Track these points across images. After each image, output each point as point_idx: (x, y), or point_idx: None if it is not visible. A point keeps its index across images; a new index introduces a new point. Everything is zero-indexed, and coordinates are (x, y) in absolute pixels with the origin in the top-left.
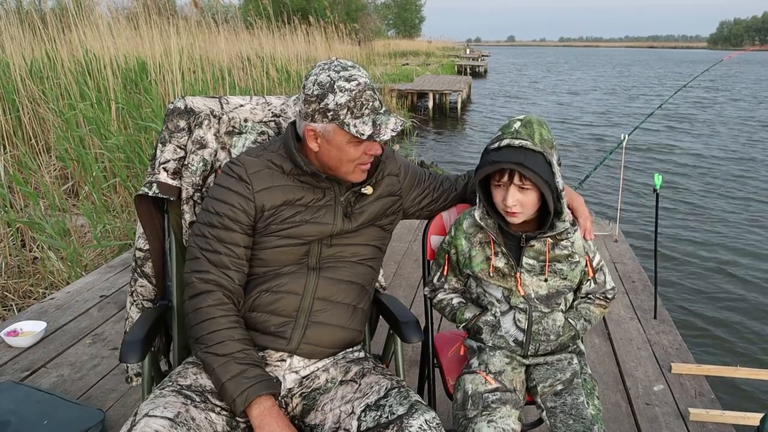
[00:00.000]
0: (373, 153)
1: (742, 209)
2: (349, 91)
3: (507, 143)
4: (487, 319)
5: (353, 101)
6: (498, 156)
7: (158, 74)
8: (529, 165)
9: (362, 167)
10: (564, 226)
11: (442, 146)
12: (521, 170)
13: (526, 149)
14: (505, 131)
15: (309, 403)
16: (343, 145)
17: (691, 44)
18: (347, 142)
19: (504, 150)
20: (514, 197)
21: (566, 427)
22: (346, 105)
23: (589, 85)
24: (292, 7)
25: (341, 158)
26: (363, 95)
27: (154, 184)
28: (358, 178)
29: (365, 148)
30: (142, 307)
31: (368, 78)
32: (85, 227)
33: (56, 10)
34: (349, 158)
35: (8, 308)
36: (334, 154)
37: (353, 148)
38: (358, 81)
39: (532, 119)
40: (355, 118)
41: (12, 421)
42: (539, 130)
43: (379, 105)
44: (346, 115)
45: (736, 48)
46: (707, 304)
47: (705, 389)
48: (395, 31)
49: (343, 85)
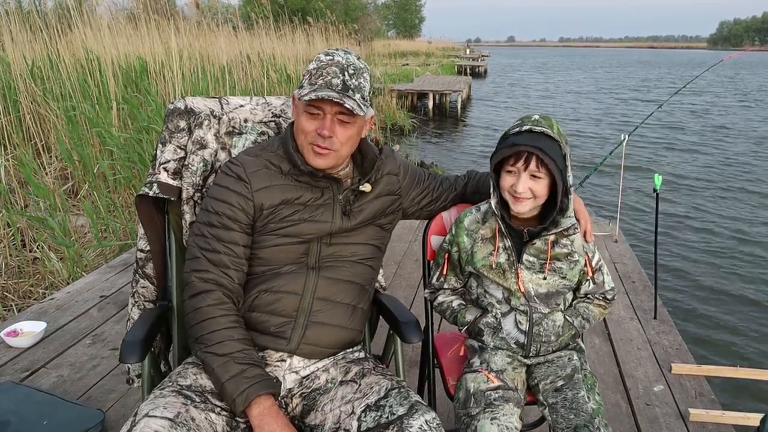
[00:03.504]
0: (322, 133)
1: (743, 209)
2: (319, 61)
3: (528, 128)
4: (488, 321)
5: (317, 70)
6: (518, 139)
7: (158, 75)
8: (547, 151)
9: (315, 148)
10: (570, 221)
11: (442, 146)
12: (540, 154)
13: (546, 136)
14: (525, 120)
15: (309, 404)
16: (300, 113)
17: (691, 44)
18: (303, 110)
19: (524, 134)
20: (525, 184)
21: (567, 422)
22: (309, 72)
23: (586, 87)
24: (291, 8)
25: (298, 128)
26: (327, 68)
27: (154, 184)
28: (314, 161)
29: (317, 126)
30: (144, 308)
31: (356, 62)
32: (86, 227)
33: (57, 10)
34: (302, 129)
35: (8, 308)
36: (296, 122)
37: (306, 120)
38: (334, 58)
39: (547, 116)
40: (309, 84)
41: (12, 421)
42: (556, 124)
43: (339, 84)
44: (305, 80)
45: (736, 48)
46: (707, 304)
47: (705, 389)
48: (395, 31)
49: (319, 57)
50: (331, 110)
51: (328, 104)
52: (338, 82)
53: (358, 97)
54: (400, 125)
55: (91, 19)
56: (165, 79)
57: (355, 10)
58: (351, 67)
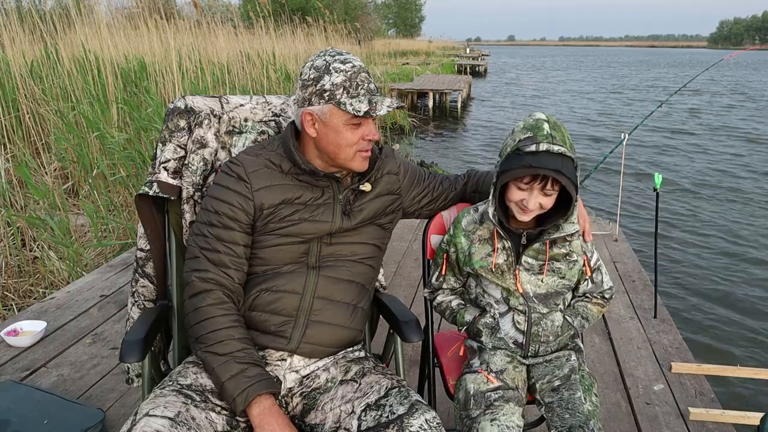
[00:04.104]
0: (371, 138)
1: (743, 209)
2: (345, 72)
3: (546, 149)
4: (486, 321)
5: (349, 81)
6: (536, 161)
7: (157, 74)
8: (566, 173)
9: (363, 154)
10: (574, 228)
11: (442, 146)
12: (559, 177)
13: (563, 156)
14: (538, 134)
15: (309, 403)
16: (339, 128)
17: (691, 43)
18: (344, 123)
19: (542, 155)
20: (536, 200)
21: (562, 422)
22: (342, 85)
23: (586, 88)
24: (291, 7)
25: (339, 142)
26: (358, 76)
27: (154, 183)
28: (360, 166)
29: (362, 133)
30: (144, 307)
31: (363, 63)
32: (86, 227)
33: (56, 10)
34: (347, 142)
35: (8, 308)
36: (332, 138)
37: (350, 131)
38: (353, 63)
39: (555, 121)
40: (351, 98)
41: (12, 420)
42: (566, 133)
43: (375, 88)
44: (342, 95)
45: (737, 47)
46: (707, 303)
47: (705, 389)
48: (395, 30)
49: (338, 67)
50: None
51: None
52: (373, 86)
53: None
54: (400, 124)
55: (90, 19)
56: (164, 78)
57: (355, 9)
58: (365, 69)
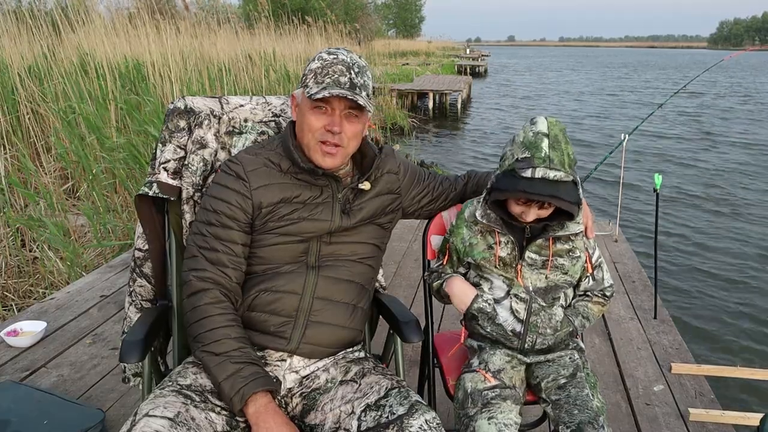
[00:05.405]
0: (332, 129)
1: (743, 209)
2: (324, 60)
3: (541, 175)
4: (481, 306)
5: (322, 69)
6: (531, 187)
7: (156, 75)
8: (563, 197)
9: (324, 147)
10: (579, 228)
11: (442, 146)
12: (556, 203)
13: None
14: (535, 155)
15: (309, 403)
16: (305, 111)
17: (691, 44)
18: (309, 107)
19: (537, 182)
20: (534, 214)
21: (571, 417)
22: (315, 71)
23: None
24: (291, 7)
25: (302, 126)
26: (333, 67)
27: (154, 183)
28: (320, 160)
29: (325, 122)
30: (141, 307)
31: (359, 61)
32: (86, 227)
33: (56, 10)
34: (309, 127)
35: (8, 308)
36: (300, 120)
37: (314, 116)
38: (338, 56)
39: (556, 133)
40: (316, 83)
41: (12, 420)
42: (566, 148)
43: (347, 82)
44: (311, 79)
45: (737, 48)
46: (707, 303)
47: (705, 389)
48: (395, 30)
49: (322, 56)
50: (339, 106)
51: (336, 101)
52: (346, 80)
53: (364, 95)
54: (400, 125)
55: (89, 19)
56: (163, 78)
57: (355, 10)
58: (356, 65)
